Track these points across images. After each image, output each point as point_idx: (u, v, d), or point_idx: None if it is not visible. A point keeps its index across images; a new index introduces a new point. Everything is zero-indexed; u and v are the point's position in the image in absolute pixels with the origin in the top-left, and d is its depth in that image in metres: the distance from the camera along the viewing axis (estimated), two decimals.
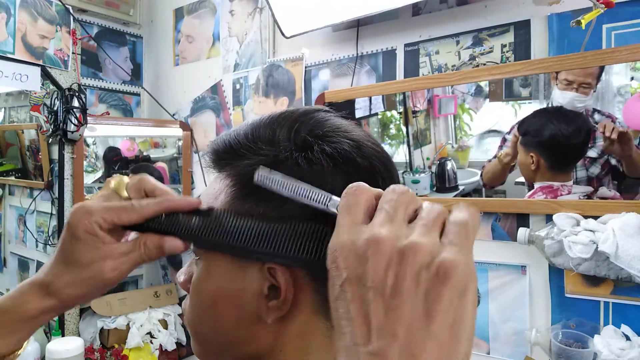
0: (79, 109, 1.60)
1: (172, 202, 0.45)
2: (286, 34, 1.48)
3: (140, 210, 0.44)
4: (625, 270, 0.94)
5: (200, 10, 1.90)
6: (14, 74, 1.53)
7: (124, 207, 0.44)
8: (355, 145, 0.43)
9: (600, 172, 1.12)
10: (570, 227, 1.02)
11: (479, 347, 1.26)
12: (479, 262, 1.25)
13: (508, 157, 1.25)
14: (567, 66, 1.08)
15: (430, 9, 1.33)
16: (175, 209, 0.45)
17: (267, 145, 0.43)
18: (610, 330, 1.04)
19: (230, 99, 1.80)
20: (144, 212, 0.44)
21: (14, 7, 1.53)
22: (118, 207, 0.45)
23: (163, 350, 1.69)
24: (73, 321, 1.70)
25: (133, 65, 2.04)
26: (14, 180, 1.90)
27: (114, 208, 0.44)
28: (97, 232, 0.44)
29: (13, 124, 1.88)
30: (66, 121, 1.57)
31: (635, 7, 1.04)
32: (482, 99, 1.31)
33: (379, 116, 1.50)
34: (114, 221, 0.44)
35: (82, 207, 0.45)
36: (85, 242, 0.44)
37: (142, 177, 0.47)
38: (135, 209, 0.44)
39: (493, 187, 1.30)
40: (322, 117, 0.46)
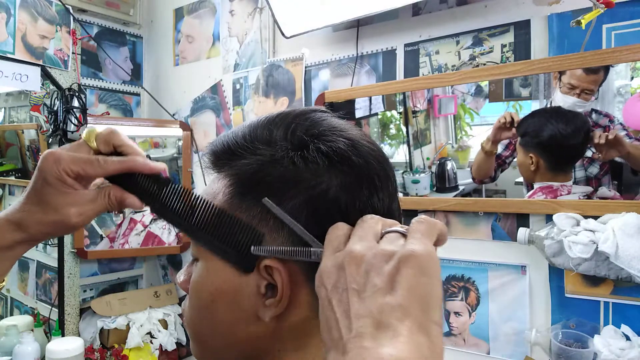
0: (79, 109, 1.60)
1: (135, 163, 0.48)
2: (286, 34, 1.48)
3: (105, 166, 0.47)
4: (625, 270, 0.94)
5: (200, 10, 1.90)
6: (14, 74, 1.53)
7: (89, 161, 0.47)
8: (350, 144, 0.43)
9: (599, 172, 1.12)
10: (570, 227, 1.02)
11: (479, 347, 1.26)
12: (479, 262, 1.26)
13: (489, 143, 1.24)
14: (567, 66, 1.08)
15: (430, 9, 1.33)
16: (137, 171, 0.48)
17: (264, 145, 0.44)
18: (610, 330, 1.04)
19: (230, 99, 1.80)
20: (107, 169, 0.47)
21: (14, 7, 1.53)
22: (84, 159, 0.47)
23: (163, 350, 1.69)
24: (73, 321, 1.70)
25: (133, 65, 2.04)
26: (14, 180, 1.90)
27: (80, 160, 0.47)
28: (66, 179, 0.47)
29: (13, 124, 1.88)
30: (66, 121, 1.58)
31: (635, 7, 1.04)
32: (482, 99, 1.31)
33: (379, 116, 1.50)
34: (79, 172, 0.47)
35: (52, 154, 0.47)
36: (55, 187, 0.47)
37: (112, 130, 0.50)
38: (100, 164, 0.47)
39: (482, 180, 1.30)
40: (318, 117, 0.46)
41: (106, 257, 1.86)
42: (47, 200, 0.47)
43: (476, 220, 1.25)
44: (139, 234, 1.84)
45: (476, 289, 1.26)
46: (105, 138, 0.49)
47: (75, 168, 0.47)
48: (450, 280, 1.30)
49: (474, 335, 1.27)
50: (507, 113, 1.21)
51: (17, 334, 1.54)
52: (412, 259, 0.34)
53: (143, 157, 0.49)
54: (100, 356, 1.59)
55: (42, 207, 0.47)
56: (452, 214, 1.29)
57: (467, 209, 1.26)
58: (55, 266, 1.69)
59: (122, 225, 1.86)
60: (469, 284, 1.27)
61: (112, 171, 0.47)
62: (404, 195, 1.39)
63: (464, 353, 1.28)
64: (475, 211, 1.25)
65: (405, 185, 1.40)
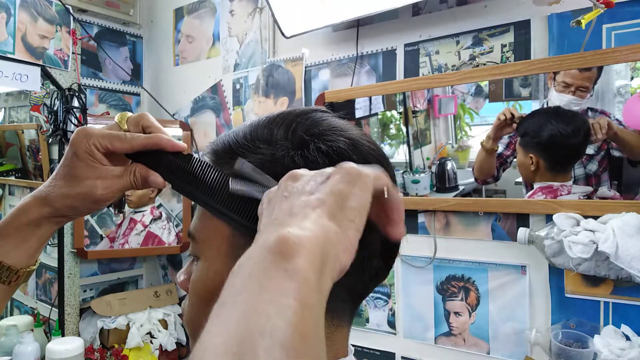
0: (79, 109, 1.60)
1: (160, 139, 0.50)
2: (286, 34, 1.48)
3: (131, 141, 0.49)
4: (625, 270, 0.94)
5: (200, 10, 1.90)
6: (14, 74, 1.53)
7: (117, 136, 0.49)
8: (351, 144, 0.44)
9: (598, 169, 1.12)
10: (570, 227, 1.02)
11: (479, 347, 1.26)
12: (479, 262, 1.26)
13: (489, 141, 1.24)
14: (567, 66, 1.08)
15: (430, 9, 1.33)
16: (161, 147, 0.49)
17: (265, 144, 0.44)
18: (610, 330, 1.04)
19: (230, 99, 1.81)
20: (133, 143, 0.49)
21: (14, 7, 1.53)
22: (113, 135, 0.49)
23: (163, 350, 1.69)
24: (73, 321, 1.70)
25: (133, 65, 2.04)
26: (14, 180, 1.90)
27: (109, 135, 0.49)
28: (95, 153, 0.49)
29: (13, 124, 1.88)
30: (66, 121, 1.58)
31: (635, 7, 1.04)
32: (482, 99, 1.31)
33: (379, 116, 1.50)
34: (107, 146, 0.49)
35: (84, 129, 0.50)
36: (84, 161, 0.49)
37: (143, 113, 0.52)
38: (127, 139, 0.49)
39: (485, 180, 1.30)
40: (319, 117, 0.46)
41: (106, 257, 1.86)
42: (75, 174, 0.49)
43: (476, 220, 1.25)
44: (139, 234, 1.84)
45: (476, 289, 1.26)
46: (135, 119, 0.52)
47: (104, 142, 0.49)
48: (450, 280, 1.30)
49: (474, 335, 1.27)
50: (506, 109, 1.21)
51: (17, 334, 1.54)
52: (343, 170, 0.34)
53: (168, 136, 0.51)
54: (100, 356, 1.59)
55: (69, 180, 0.50)
56: (452, 214, 1.29)
57: (467, 209, 1.26)
58: (55, 266, 1.69)
59: (122, 225, 1.86)
60: (469, 284, 1.27)
61: (138, 145, 0.49)
62: (404, 195, 1.39)
63: (464, 353, 1.28)
64: (475, 211, 1.25)
65: (405, 185, 1.40)
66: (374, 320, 1.44)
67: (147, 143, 0.49)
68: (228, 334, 0.24)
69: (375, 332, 1.44)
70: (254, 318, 0.24)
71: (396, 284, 1.40)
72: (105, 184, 0.50)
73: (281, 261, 0.27)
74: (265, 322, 0.24)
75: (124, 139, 0.49)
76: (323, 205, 0.32)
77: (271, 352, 0.22)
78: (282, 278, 0.26)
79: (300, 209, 0.32)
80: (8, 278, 0.52)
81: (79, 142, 0.49)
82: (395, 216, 0.37)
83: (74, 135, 0.50)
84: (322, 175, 0.35)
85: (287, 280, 0.26)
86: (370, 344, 1.44)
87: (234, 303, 0.26)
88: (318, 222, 0.30)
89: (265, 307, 0.24)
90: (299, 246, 0.28)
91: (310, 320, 0.25)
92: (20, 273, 0.53)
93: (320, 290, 0.28)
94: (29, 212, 0.51)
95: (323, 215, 0.31)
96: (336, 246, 0.30)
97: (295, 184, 0.35)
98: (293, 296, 0.25)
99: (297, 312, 0.25)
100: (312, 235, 0.29)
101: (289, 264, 0.27)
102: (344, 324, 0.46)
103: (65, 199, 0.50)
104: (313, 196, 0.33)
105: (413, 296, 1.37)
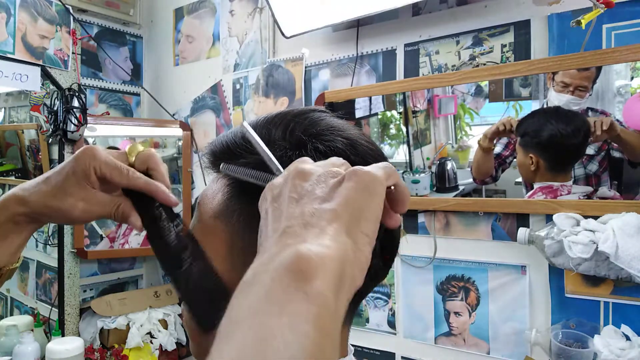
0: (79, 109, 1.60)
1: (157, 191, 0.50)
2: (286, 34, 1.48)
3: (129, 179, 0.50)
4: (625, 270, 0.94)
5: (200, 10, 1.90)
6: (14, 74, 1.53)
7: (120, 169, 0.50)
8: (349, 144, 0.43)
9: (598, 169, 1.12)
10: (570, 227, 1.02)
11: (479, 347, 1.26)
12: (479, 262, 1.26)
13: (486, 140, 1.24)
14: (567, 66, 1.08)
15: (430, 9, 1.33)
16: (154, 196, 0.50)
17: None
18: (610, 330, 1.04)
19: (230, 99, 1.80)
20: (130, 182, 0.50)
21: (14, 7, 1.53)
22: (117, 166, 0.50)
23: (163, 350, 1.69)
24: (73, 321, 1.70)
25: (133, 65, 2.04)
26: (14, 180, 1.90)
27: (112, 165, 0.49)
28: (91, 175, 0.49)
29: (13, 124, 1.88)
30: (66, 121, 1.57)
31: (635, 7, 1.04)
32: (482, 99, 1.31)
33: (379, 116, 1.50)
34: (105, 175, 0.49)
35: (92, 150, 0.50)
36: (77, 178, 0.49)
37: (153, 154, 0.53)
38: (127, 176, 0.50)
39: (483, 180, 1.30)
40: (317, 117, 0.46)
41: (106, 257, 1.86)
42: (63, 186, 0.49)
43: (476, 220, 1.25)
44: (138, 234, 1.84)
45: (476, 289, 1.26)
46: (144, 158, 0.52)
47: (105, 170, 0.49)
48: (450, 280, 1.30)
49: (474, 335, 1.27)
50: (506, 121, 1.21)
51: (17, 334, 1.54)
52: (356, 175, 0.33)
53: (167, 188, 0.51)
54: (100, 356, 1.59)
55: (54, 190, 0.49)
56: (452, 214, 1.29)
57: (467, 209, 1.26)
58: (55, 266, 1.69)
59: (122, 225, 1.86)
60: (469, 284, 1.27)
61: (135, 186, 0.50)
62: None
63: (464, 353, 1.28)
64: (475, 211, 1.25)
65: None
66: (374, 320, 1.44)
67: (144, 187, 0.50)
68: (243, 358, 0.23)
69: (375, 332, 1.44)
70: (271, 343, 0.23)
71: (396, 284, 1.40)
72: (86, 208, 0.50)
73: (301, 282, 0.26)
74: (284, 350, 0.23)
75: (124, 175, 0.49)
76: (340, 220, 0.31)
77: None
78: (301, 301, 0.25)
79: (316, 220, 0.30)
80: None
81: (82, 160, 0.49)
82: (400, 207, 0.37)
83: (80, 152, 0.50)
84: (334, 176, 0.34)
85: (306, 303, 0.25)
86: (370, 344, 1.44)
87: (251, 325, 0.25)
88: (336, 240, 0.29)
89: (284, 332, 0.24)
90: (320, 267, 0.27)
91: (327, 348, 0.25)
92: (3, 271, 0.52)
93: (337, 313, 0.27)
94: (7, 209, 0.50)
95: (340, 231, 0.30)
96: (353, 265, 0.30)
97: (305, 184, 0.34)
98: (313, 322, 0.25)
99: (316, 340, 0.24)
100: (334, 255, 0.28)
101: (309, 286, 0.26)
102: (344, 324, 0.46)
103: (42, 206, 0.50)
104: (327, 205, 0.31)
105: (413, 296, 1.37)
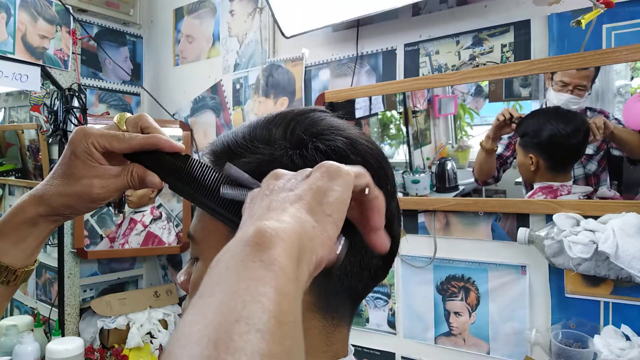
0: (79, 109, 1.60)
1: (158, 139, 0.50)
2: (286, 34, 1.48)
3: (129, 141, 0.49)
4: (625, 270, 0.94)
5: (200, 10, 1.90)
6: (14, 74, 1.53)
7: (115, 136, 0.50)
8: (349, 143, 0.44)
9: (598, 169, 1.12)
10: (570, 227, 1.02)
11: (479, 347, 1.26)
12: (479, 262, 1.26)
13: (489, 141, 1.24)
14: (567, 66, 1.08)
15: (430, 9, 1.33)
16: (159, 147, 0.50)
17: (264, 144, 0.44)
18: (610, 330, 1.04)
19: (230, 99, 1.80)
20: (131, 143, 0.49)
21: (14, 7, 1.53)
22: (111, 134, 0.50)
23: (163, 350, 1.69)
24: (73, 321, 1.70)
25: (133, 65, 2.04)
26: (14, 180, 1.90)
27: (107, 135, 0.50)
28: (93, 152, 0.49)
29: (13, 124, 1.88)
30: (66, 121, 1.58)
31: (635, 7, 1.04)
32: (482, 99, 1.31)
33: (379, 116, 1.50)
34: (105, 146, 0.49)
35: (82, 129, 0.50)
36: (82, 160, 0.49)
37: (142, 114, 0.53)
38: (125, 139, 0.50)
39: (485, 181, 1.30)
40: (317, 117, 0.46)
41: (106, 257, 1.86)
42: (73, 172, 0.49)
43: (476, 220, 1.25)
44: (139, 234, 1.85)
45: (476, 289, 1.26)
46: (134, 120, 0.52)
47: (103, 141, 0.49)
48: (450, 280, 1.30)
49: (474, 335, 1.27)
50: (505, 110, 1.21)
51: (17, 334, 1.54)
52: (322, 167, 0.34)
53: (166, 136, 0.51)
54: (100, 356, 1.59)
55: (66, 179, 0.50)
56: (452, 214, 1.29)
57: (467, 209, 1.26)
58: (55, 266, 1.69)
59: (122, 225, 1.86)
60: (469, 284, 1.27)
61: (136, 145, 0.49)
62: (404, 195, 1.39)
63: (464, 353, 1.28)
64: (475, 211, 1.25)
65: (405, 185, 1.40)
66: (374, 320, 1.44)
67: (145, 143, 0.49)
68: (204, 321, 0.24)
69: (375, 332, 1.44)
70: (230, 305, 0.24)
71: (396, 284, 1.40)
72: (103, 183, 0.50)
73: (258, 252, 0.27)
74: (241, 309, 0.24)
75: (122, 139, 0.49)
76: (301, 200, 0.32)
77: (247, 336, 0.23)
78: (258, 268, 0.26)
79: (279, 204, 0.32)
80: (6, 278, 0.52)
81: (78, 141, 0.49)
82: (375, 217, 0.36)
83: (72, 134, 0.50)
84: (303, 174, 0.35)
85: (263, 269, 0.26)
86: (370, 344, 1.44)
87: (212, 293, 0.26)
88: (295, 216, 0.31)
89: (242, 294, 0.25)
90: (275, 237, 0.28)
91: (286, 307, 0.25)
92: (18, 273, 0.53)
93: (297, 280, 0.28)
94: (25, 211, 0.51)
95: (301, 210, 0.31)
96: (313, 239, 0.30)
97: (276, 182, 0.35)
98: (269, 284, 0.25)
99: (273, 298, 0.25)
100: (289, 227, 0.29)
101: (265, 255, 0.27)
102: (344, 324, 0.46)
103: (61, 197, 0.50)
104: (292, 192, 0.33)
105: (413, 296, 1.37)
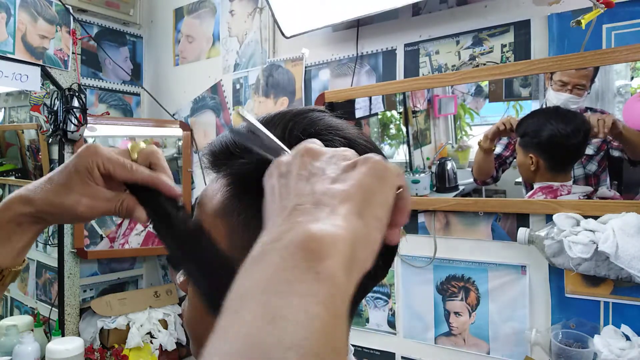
0: (79, 109, 1.60)
1: (160, 183, 0.50)
2: (286, 34, 1.48)
3: (134, 173, 0.50)
4: (625, 270, 0.94)
5: (200, 10, 1.90)
6: (14, 74, 1.53)
7: (123, 164, 0.50)
8: (347, 143, 0.43)
9: (598, 169, 1.12)
10: (570, 227, 1.02)
11: (479, 347, 1.26)
12: (479, 262, 1.26)
13: (487, 141, 1.24)
14: (567, 66, 1.08)
15: (430, 9, 1.33)
16: (158, 188, 0.50)
17: None
18: (610, 330, 1.04)
19: (230, 99, 1.80)
20: (135, 175, 0.50)
21: (14, 7, 1.53)
22: (119, 162, 0.50)
23: (163, 350, 1.69)
24: (73, 321, 1.70)
25: (133, 65, 2.04)
26: (14, 180, 1.90)
27: (115, 161, 0.50)
28: (94, 171, 0.50)
29: (13, 124, 1.88)
30: (66, 121, 1.57)
31: (635, 7, 1.04)
32: (482, 99, 1.31)
33: (379, 116, 1.50)
34: (109, 170, 0.50)
35: (94, 147, 0.50)
36: (80, 175, 0.49)
37: (156, 150, 0.54)
38: (131, 170, 0.50)
39: (484, 180, 1.30)
40: (315, 117, 0.46)
41: (106, 257, 1.86)
42: (67, 184, 0.49)
43: (476, 220, 1.25)
44: (139, 234, 1.85)
45: (476, 289, 1.26)
46: (146, 154, 0.53)
47: (108, 165, 0.50)
48: (450, 280, 1.30)
49: (474, 335, 1.27)
50: (506, 120, 1.21)
51: (17, 334, 1.54)
52: (370, 162, 0.32)
53: (170, 180, 0.51)
54: (100, 356, 1.59)
55: (58, 188, 0.50)
56: (452, 214, 1.29)
57: (467, 209, 1.26)
58: (55, 266, 1.69)
59: (122, 225, 1.86)
60: (469, 284, 1.27)
61: (139, 179, 0.50)
62: None
63: (464, 353, 1.28)
64: (475, 211, 1.25)
65: None
66: (374, 320, 1.44)
67: (147, 180, 0.50)
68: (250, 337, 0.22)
69: (375, 332, 1.44)
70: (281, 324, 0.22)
71: (396, 284, 1.40)
72: (90, 204, 0.50)
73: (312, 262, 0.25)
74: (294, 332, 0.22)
75: (127, 169, 0.50)
76: (351, 200, 0.30)
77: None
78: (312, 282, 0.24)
79: (328, 199, 0.29)
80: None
81: (85, 157, 0.49)
82: (401, 216, 0.36)
83: (82, 149, 0.50)
84: (345, 159, 0.33)
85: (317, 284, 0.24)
86: (370, 344, 1.44)
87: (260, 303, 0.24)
88: (348, 220, 0.28)
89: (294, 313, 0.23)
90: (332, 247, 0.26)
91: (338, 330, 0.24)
92: (5, 273, 0.52)
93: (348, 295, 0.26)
94: (10, 209, 0.50)
95: (352, 212, 0.29)
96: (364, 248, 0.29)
97: (315, 163, 0.33)
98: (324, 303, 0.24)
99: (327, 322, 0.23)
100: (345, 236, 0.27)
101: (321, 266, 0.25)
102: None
103: (46, 204, 0.50)
104: (339, 185, 0.31)
105: (413, 296, 1.37)
